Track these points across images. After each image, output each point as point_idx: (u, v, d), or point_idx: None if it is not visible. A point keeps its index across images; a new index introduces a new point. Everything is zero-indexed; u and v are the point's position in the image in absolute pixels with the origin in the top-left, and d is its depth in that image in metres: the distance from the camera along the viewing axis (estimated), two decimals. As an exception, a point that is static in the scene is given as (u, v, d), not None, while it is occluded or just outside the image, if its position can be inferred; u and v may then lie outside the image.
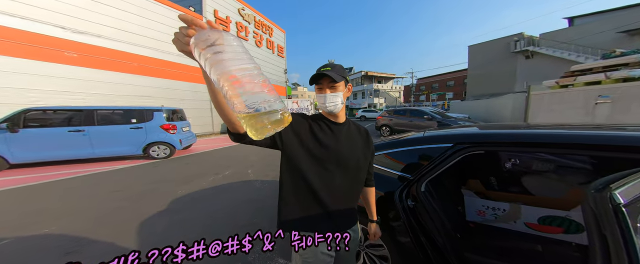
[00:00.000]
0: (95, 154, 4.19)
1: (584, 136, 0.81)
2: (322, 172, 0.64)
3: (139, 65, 7.30)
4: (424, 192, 0.99)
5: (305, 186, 0.64)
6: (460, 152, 0.95)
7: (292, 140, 0.63)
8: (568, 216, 1.14)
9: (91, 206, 2.31)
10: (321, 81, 0.65)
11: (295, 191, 0.66)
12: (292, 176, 0.65)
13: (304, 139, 0.65)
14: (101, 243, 1.62)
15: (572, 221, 1.13)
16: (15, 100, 4.78)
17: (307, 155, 0.64)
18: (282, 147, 0.63)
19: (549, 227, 1.19)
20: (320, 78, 0.64)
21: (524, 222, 1.25)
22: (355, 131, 0.75)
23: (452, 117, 6.94)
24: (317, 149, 0.64)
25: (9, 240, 1.64)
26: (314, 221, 0.65)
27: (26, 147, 3.68)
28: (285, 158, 0.66)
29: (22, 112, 3.71)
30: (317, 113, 0.75)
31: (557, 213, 1.17)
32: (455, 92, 29.16)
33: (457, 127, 1.59)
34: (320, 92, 0.66)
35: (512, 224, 1.27)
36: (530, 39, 15.71)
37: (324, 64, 0.67)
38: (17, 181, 3.18)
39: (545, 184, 1.34)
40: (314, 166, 0.64)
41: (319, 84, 0.66)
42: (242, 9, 11.86)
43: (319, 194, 0.64)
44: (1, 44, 4.72)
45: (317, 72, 0.64)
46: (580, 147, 0.78)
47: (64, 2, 5.57)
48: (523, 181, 1.37)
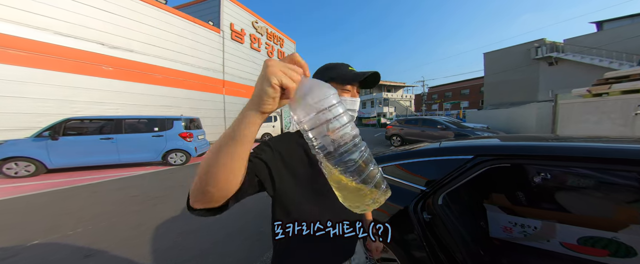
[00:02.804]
0: (121, 160, 4.52)
1: (634, 151, 0.72)
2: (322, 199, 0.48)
3: (163, 76, 7.97)
4: (441, 205, 0.94)
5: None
6: (482, 165, 0.89)
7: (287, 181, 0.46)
8: (616, 238, 1.01)
9: (113, 209, 2.44)
10: (356, 84, 0.52)
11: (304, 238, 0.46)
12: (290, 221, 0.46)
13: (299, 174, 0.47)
14: (118, 248, 1.69)
15: (621, 243, 1.00)
16: (60, 110, 5.39)
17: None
18: (273, 194, 0.46)
19: (591, 248, 1.06)
20: (376, 81, 0.52)
21: (559, 242, 1.13)
22: None
23: (469, 127, 6.56)
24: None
25: (38, 241, 1.78)
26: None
27: (63, 153, 4.08)
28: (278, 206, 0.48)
29: (64, 122, 4.16)
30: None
31: (602, 233, 1.04)
32: (471, 100, 28.06)
33: (476, 138, 1.51)
34: (353, 96, 0.52)
35: (545, 244, 1.15)
36: (553, 45, 14.86)
37: (348, 64, 0.55)
38: (52, 185, 3.50)
39: (586, 201, 1.21)
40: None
41: (352, 85, 0.51)
42: (256, 21, 12.68)
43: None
44: (51, 60, 5.45)
45: (371, 73, 0.49)
46: (631, 163, 0.70)
47: (103, 20, 6.34)
48: (558, 197, 1.25)
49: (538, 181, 1.32)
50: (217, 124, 10.17)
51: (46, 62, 5.35)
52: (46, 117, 5.04)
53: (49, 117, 4.98)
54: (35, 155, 3.89)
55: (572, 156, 0.80)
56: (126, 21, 6.90)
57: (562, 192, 1.26)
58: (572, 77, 11.96)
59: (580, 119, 4.51)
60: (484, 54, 18.99)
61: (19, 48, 4.97)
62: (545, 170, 1.29)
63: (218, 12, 10.46)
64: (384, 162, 1.29)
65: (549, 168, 1.28)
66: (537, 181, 1.32)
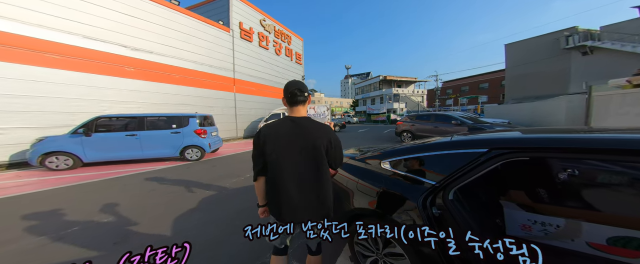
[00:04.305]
0: (144, 155, 4.89)
1: None
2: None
3: (179, 76, 8.38)
4: (452, 200, 0.92)
5: None
6: (497, 159, 0.85)
7: None
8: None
9: (137, 201, 2.68)
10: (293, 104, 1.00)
11: None
12: None
13: None
14: (142, 235, 1.87)
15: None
16: (90, 109, 5.91)
17: None
18: None
19: (623, 249, 0.98)
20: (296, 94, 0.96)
21: (586, 241, 1.05)
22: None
23: (487, 122, 6.20)
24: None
25: (77, 227, 2.01)
26: None
27: (96, 148, 4.49)
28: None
29: (95, 119, 4.56)
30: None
31: (636, 233, 0.96)
32: (491, 95, 26.24)
33: (491, 131, 1.44)
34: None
35: (568, 243, 1.08)
36: (587, 33, 13.32)
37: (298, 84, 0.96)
38: (87, 177, 3.89)
39: (619, 199, 1.11)
40: None
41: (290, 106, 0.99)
42: (263, 20, 12.75)
43: None
44: (81, 63, 5.95)
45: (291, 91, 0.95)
46: None
47: (124, 24, 6.77)
48: (586, 195, 1.16)
49: (563, 177, 1.23)
50: (229, 121, 10.55)
51: (77, 64, 5.85)
52: (80, 116, 5.56)
53: (82, 116, 5.48)
54: (72, 150, 4.33)
55: (606, 149, 0.72)
56: (145, 24, 7.30)
57: (591, 190, 1.16)
58: (610, 67, 10.70)
59: (619, 111, 4.10)
60: (506, 46, 17.55)
61: (55, 52, 5.48)
62: (573, 165, 1.19)
63: (227, 11, 10.66)
64: (392, 157, 1.27)
65: (577, 163, 1.17)
66: (562, 177, 1.23)
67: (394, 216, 1.09)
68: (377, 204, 1.19)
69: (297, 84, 0.95)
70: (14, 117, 4.89)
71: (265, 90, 12.87)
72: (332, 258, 1.51)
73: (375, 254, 1.21)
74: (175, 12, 8.25)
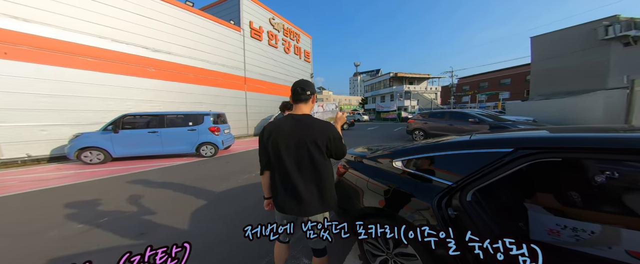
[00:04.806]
0: (164, 151, 5.23)
1: None
2: None
3: (194, 75, 8.76)
4: (471, 202, 0.89)
5: None
6: (523, 160, 0.80)
7: None
8: None
9: (159, 195, 2.90)
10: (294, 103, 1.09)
11: None
12: None
13: None
14: (163, 228, 2.02)
15: None
16: (118, 107, 6.42)
17: None
18: None
19: None
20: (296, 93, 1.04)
21: (625, 249, 0.97)
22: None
23: (509, 120, 5.73)
24: None
25: (108, 218, 2.22)
26: None
27: (123, 144, 4.89)
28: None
29: (121, 117, 4.95)
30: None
31: None
32: (513, 91, 24.42)
33: (516, 130, 1.36)
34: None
35: (605, 251, 1.01)
36: (630, 21, 11.74)
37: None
38: (116, 171, 4.26)
39: None
40: None
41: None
42: (273, 18, 12.82)
43: None
44: (111, 64, 6.43)
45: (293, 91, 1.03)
46: None
47: (146, 26, 7.18)
48: (626, 199, 1.06)
49: (601, 179, 1.12)
50: (240, 119, 10.88)
51: (106, 66, 6.34)
52: (109, 114, 6.05)
53: (110, 114, 5.97)
54: (103, 145, 4.75)
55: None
56: (164, 25, 7.68)
57: (633, 194, 1.06)
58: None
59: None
60: (532, 38, 16.08)
61: (88, 55, 5.98)
62: (613, 167, 1.08)
63: (238, 10, 10.85)
64: (404, 156, 1.25)
65: (618, 165, 1.06)
66: (599, 180, 1.12)
67: (406, 216, 1.07)
68: (387, 203, 1.18)
69: (300, 83, 0.99)
70: (53, 115, 5.45)
71: (274, 88, 13.05)
72: (340, 257, 1.53)
73: (386, 254, 1.20)
74: (191, 14, 8.58)
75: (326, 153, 0.94)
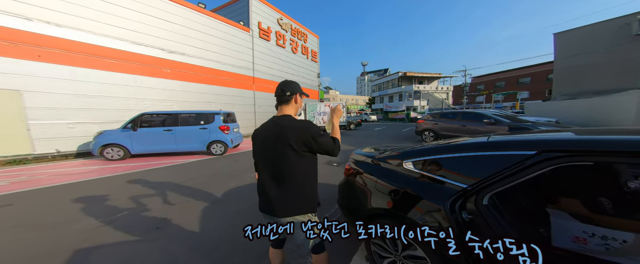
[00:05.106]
0: (178, 149, 5.47)
1: None
2: None
3: (205, 75, 9.06)
4: (487, 206, 0.86)
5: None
6: (548, 163, 0.77)
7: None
8: None
9: (173, 191, 3.03)
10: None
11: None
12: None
13: None
14: (177, 222, 2.11)
15: None
16: (136, 107, 6.81)
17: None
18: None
19: None
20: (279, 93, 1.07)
21: None
22: None
23: (529, 121, 5.41)
24: None
25: (126, 212, 2.35)
26: None
27: (140, 142, 5.17)
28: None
29: (139, 116, 5.24)
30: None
31: None
32: (533, 90, 22.97)
33: (539, 132, 1.31)
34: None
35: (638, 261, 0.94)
36: None
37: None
38: (134, 167, 4.52)
39: None
40: None
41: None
42: (281, 18, 12.94)
43: None
44: (131, 65, 6.82)
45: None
46: None
47: (161, 28, 7.53)
48: None
49: (635, 185, 1.03)
50: (248, 118, 11.12)
51: (127, 67, 6.73)
52: (128, 113, 6.42)
53: (130, 113, 6.32)
54: (123, 143, 5.05)
55: None
56: (178, 27, 8.01)
57: None
58: None
59: None
60: (555, 35, 15.01)
61: (111, 56, 6.37)
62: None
63: (247, 11, 11.07)
64: (415, 157, 1.22)
65: None
66: (633, 186, 1.03)
67: (415, 217, 1.05)
68: (395, 204, 1.16)
69: (281, 84, 1.00)
70: (80, 113, 5.88)
71: (281, 88, 13.20)
72: (347, 257, 1.52)
73: (393, 256, 1.18)
74: (203, 16, 8.87)
75: (309, 152, 0.92)
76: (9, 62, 4.88)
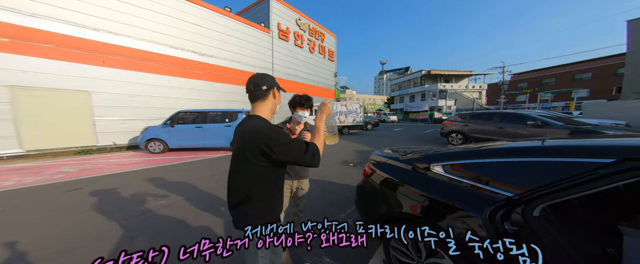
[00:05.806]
0: (206, 144, 6.01)
1: None
2: None
3: (229, 76, 9.74)
4: (539, 218, 0.78)
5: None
6: (630, 174, 0.67)
7: None
8: None
9: (199, 184, 3.32)
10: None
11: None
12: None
13: None
14: (200, 217, 2.29)
15: None
16: (174, 105, 7.69)
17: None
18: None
19: None
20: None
21: None
22: None
23: (589, 124, 4.52)
24: None
25: (164, 201, 2.67)
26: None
27: (177, 137, 5.82)
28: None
29: (176, 114, 5.89)
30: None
31: None
32: (595, 88, 19.50)
33: (617, 136, 1.10)
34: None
35: None
36: None
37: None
38: (171, 160, 5.11)
39: None
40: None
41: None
42: (299, 18, 13.10)
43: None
44: (169, 68, 7.70)
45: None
46: None
47: (193, 32, 8.30)
48: None
49: None
50: (267, 116, 11.61)
51: (167, 69, 7.63)
52: (167, 111, 7.28)
53: (168, 111, 7.17)
54: (163, 138, 5.74)
55: None
56: (207, 31, 8.73)
57: None
58: None
59: None
60: (629, 22, 12.30)
61: (153, 60, 7.28)
62: None
63: (267, 13, 11.47)
64: (447, 160, 1.14)
65: None
66: None
67: (442, 224, 1.00)
68: (422, 209, 1.11)
69: (252, 79, 0.87)
70: (130, 111, 6.87)
71: (298, 87, 13.44)
72: (363, 261, 1.50)
73: (415, 262, 1.13)
74: (229, 19, 9.50)
75: (268, 163, 0.80)
76: (81, 67, 5.91)
